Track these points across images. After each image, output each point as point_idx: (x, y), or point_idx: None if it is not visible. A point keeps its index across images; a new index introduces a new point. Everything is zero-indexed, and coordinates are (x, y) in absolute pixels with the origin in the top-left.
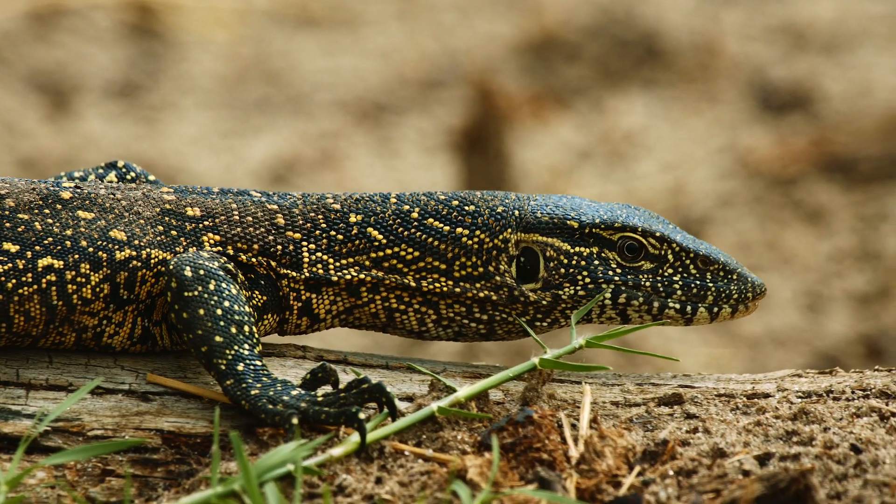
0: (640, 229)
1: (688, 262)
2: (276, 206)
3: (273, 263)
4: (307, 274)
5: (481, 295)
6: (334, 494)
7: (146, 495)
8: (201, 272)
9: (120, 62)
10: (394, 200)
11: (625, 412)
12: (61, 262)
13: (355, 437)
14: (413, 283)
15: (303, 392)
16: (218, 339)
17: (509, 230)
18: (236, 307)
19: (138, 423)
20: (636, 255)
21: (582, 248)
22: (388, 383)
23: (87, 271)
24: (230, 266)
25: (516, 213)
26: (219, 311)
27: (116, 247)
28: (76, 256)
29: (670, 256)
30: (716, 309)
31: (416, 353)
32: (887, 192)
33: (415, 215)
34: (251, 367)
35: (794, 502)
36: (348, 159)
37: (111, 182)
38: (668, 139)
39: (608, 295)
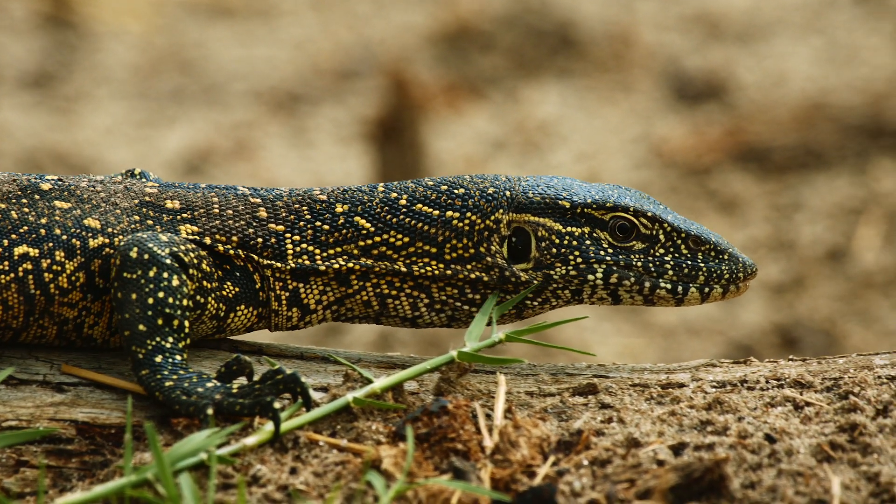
0: (631, 209)
1: (679, 242)
2: (259, 200)
3: (254, 256)
4: (293, 265)
5: (473, 276)
6: (249, 485)
7: (60, 486)
8: (146, 256)
9: (35, 53)
10: (381, 189)
11: (539, 402)
12: (36, 251)
13: (269, 427)
14: (404, 269)
15: (218, 384)
16: (141, 327)
17: (501, 211)
18: (170, 299)
19: (53, 414)
20: (628, 235)
21: (574, 228)
22: (302, 374)
23: (62, 259)
24: (188, 256)
25: (507, 193)
26: (150, 300)
27: (90, 234)
28: (50, 245)
29: (662, 236)
30: (707, 289)
31: (332, 344)
32: (801, 181)
33: (403, 202)
34: (170, 360)
35: (708, 492)
36: (263, 150)
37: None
38: (582, 129)
39: (599, 275)
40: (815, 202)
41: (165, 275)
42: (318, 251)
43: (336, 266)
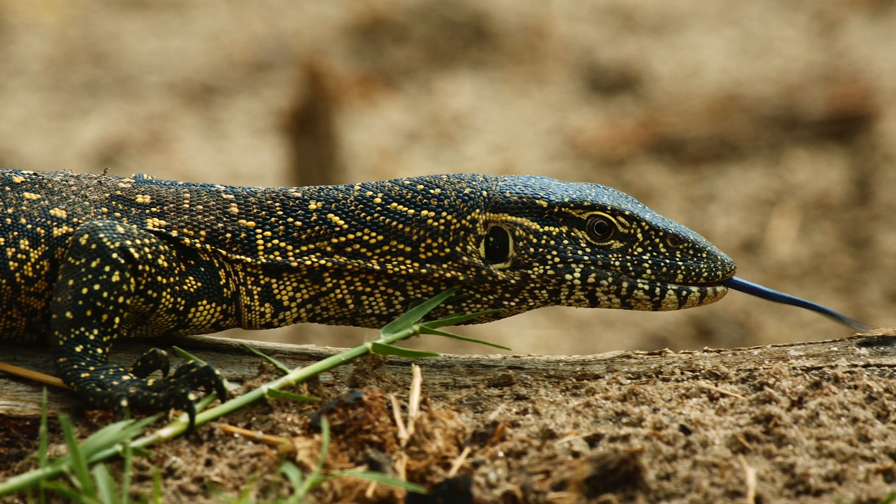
0: (609, 208)
1: (657, 240)
2: (231, 196)
3: (222, 251)
4: (263, 260)
5: (448, 275)
6: (164, 477)
7: None
8: (93, 245)
9: None
10: (357, 188)
11: (455, 394)
12: (2, 239)
13: (185, 419)
14: (377, 267)
15: (133, 378)
16: (69, 314)
17: (477, 210)
18: (105, 293)
19: None
20: (605, 234)
21: (551, 228)
22: (217, 366)
23: (27, 247)
24: (141, 251)
25: (484, 193)
26: (84, 290)
27: (55, 224)
28: (16, 233)
29: (640, 235)
30: (684, 293)
31: (248, 336)
32: (716, 172)
33: (378, 200)
34: (90, 351)
35: (623, 483)
36: (177, 141)
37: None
38: (496, 120)
39: (577, 274)
40: (730, 193)
41: (107, 268)
42: (290, 247)
43: (308, 263)
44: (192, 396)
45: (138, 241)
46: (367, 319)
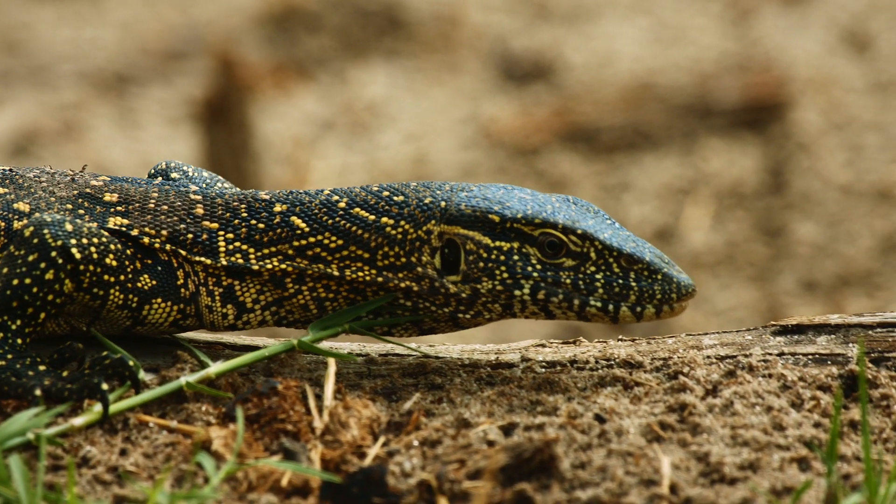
0: (560, 226)
1: (611, 260)
2: (199, 197)
3: (182, 251)
4: (224, 262)
5: (403, 285)
6: (79, 466)
7: None
8: (35, 240)
9: None
10: (326, 192)
11: (369, 383)
12: None
13: (99, 408)
14: (337, 273)
15: (49, 369)
16: None
17: (433, 221)
18: (35, 289)
19: None
20: (557, 251)
21: (502, 243)
22: (134, 355)
23: None
24: (86, 250)
25: (443, 204)
26: (15, 281)
27: (16, 217)
28: None
29: (593, 254)
30: (639, 308)
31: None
32: (629, 161)
33: (342, 205)
34: (9, 341)
35: (538, 472)
36: (91, 130)
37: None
38: (410, 109)
39: (527, 290)
40: (644, 182)
41: (42, 265)
42: (252, 250)
43: (270, 266)
44: (105, 386)
45: (84, 241)
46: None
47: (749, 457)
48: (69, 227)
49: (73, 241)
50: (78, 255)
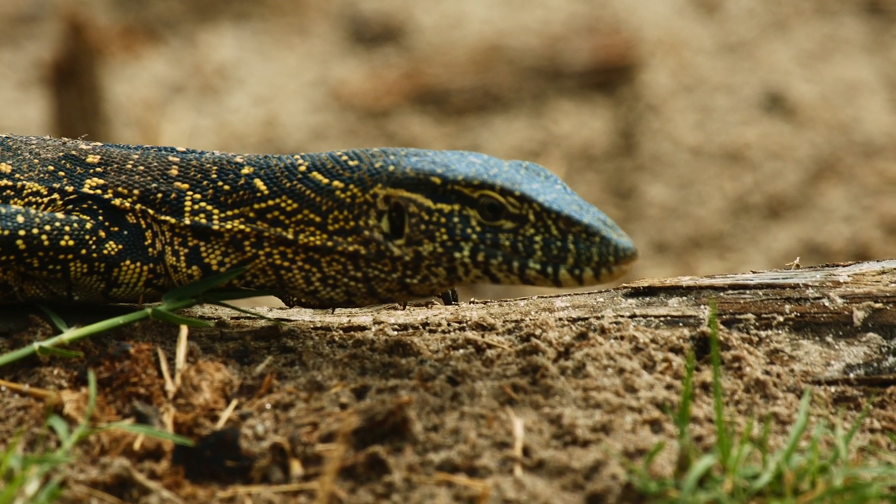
0: (498, 187)
1: (549, 222)
2: (177, 159)
3: (151, 211)
4: (188, 222)
5: (351, 249)
6: None
7: None
8: None
9: None
10: (296, 157)
11: (221, 346)
12: None
13: None
14: (291, 236)
15: None
16: None
17: (379, 185)
18: None
19: None
20: (497, 213)
21: (443, 206)
22: None
23: None
24: (34, 241)
25: (391, 168)
26: None
27: None
28: None
29: (531, 216)
30: (577, 271)
31: None
32: (480, 123)
33: (302, 168)
34: None
35: (391, 434)
36: None
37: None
38: (260, 72)
39: (466, 253)
40: (494, 144)
41: None
42: (216, 211)
43: (229, 226)
44: None
45: (35, 231)
46: (294, 292)
47: (601, 419)
48: (20, 218)
49: (22, 233)
50: (23, 246)
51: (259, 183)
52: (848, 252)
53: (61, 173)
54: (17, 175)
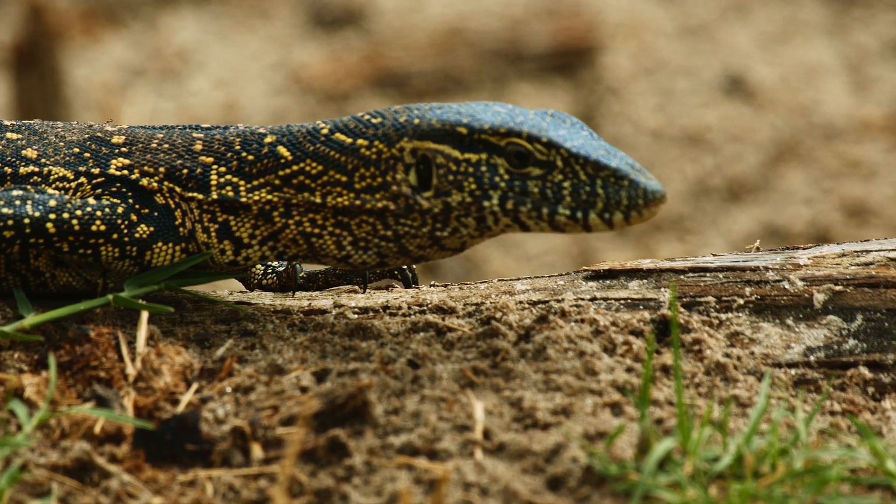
0: (525, 134)
1: (577, 167)
2: (201, 136)
3: (178, 189)
4: (215, 196)
5: (380, 205)
6: None
7: None
8: (17, 202)
9: None
10: (318, 122)
11: (182, 330)
12: None
13: None
14: (319, 200)
15: None
16: None
17: (405, 139)
18: None
19: None
20: (524, 161)
21: (471, 155)
22: None
23: None
24: (65, 224)
25: (416, 121)
26: None
27: (22, 163)
28: None
29: (559, 162)
30: (607, 215)
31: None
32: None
33: (325, 131)
34: None
35: (351, 418)
36: None
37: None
38: (220, 56)
39: (495, 201)
40: None
41: (10, 222)
42: (242, 182)
43: (257, 197)
44: None
45: (66, 215)
46: (326, 259)
47: (562, 402)
48: (52, 203)
49: (52, 217)
50: (53, 230)
51: (282, 150)
52: (808, 235)
53: (87, 155)
54: (43, 160)
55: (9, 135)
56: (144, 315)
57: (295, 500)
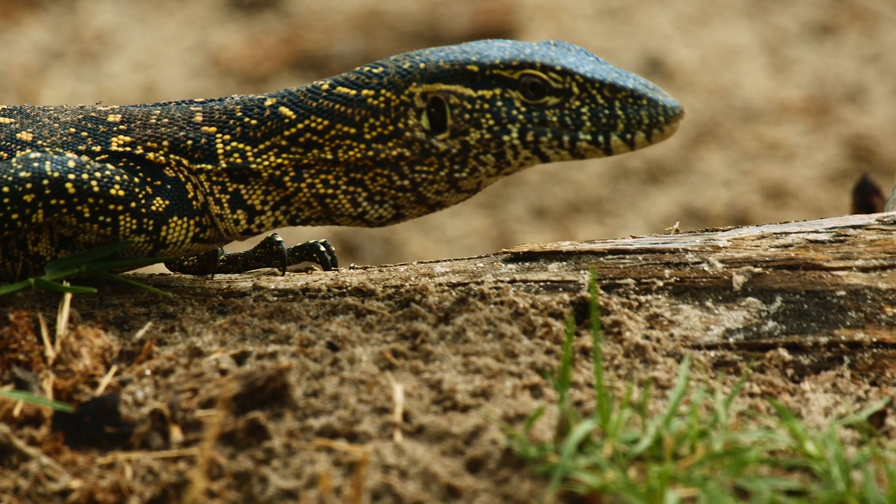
0: (538, 64)
1: (594, 92)
2: (199, 108)
3: (185, 161)
4: (224, 164)
5: (394, 153)
6: None
7: None
8: (35, 163)
9: None
10: (317, 81)
11: (101, 313)
12: None
13: None
14: (330, 155)
15: None
16: None
17: (414, 84)
18: (6, 200)
19: None
20: (539, 91)
21: (485, 92)
22: None
23: None
24: (84, 185)
25: (422, 65)
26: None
27: (18, 146)
28: None
29: (575, 88)
30: (629, 136)
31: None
32: None
33: (325, 87)
34: None
35: (271, 400)
36: None
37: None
38: (139, 38)
39: (515, 134)
40: None
41: (28, 185)
42: (248, 147)
43: (266, 162)
44: None
45: (85, 175)
46: (343, 219)
47: (481, 384)
48: (71, 164)
49: (72, 177)
50: (72, 190)
51: (285, 110)
52: (727, 217)
53: (84, 133)
54: (40, 142)
55: (1, 119)
56: (67, 297)
57: (214, 483)
